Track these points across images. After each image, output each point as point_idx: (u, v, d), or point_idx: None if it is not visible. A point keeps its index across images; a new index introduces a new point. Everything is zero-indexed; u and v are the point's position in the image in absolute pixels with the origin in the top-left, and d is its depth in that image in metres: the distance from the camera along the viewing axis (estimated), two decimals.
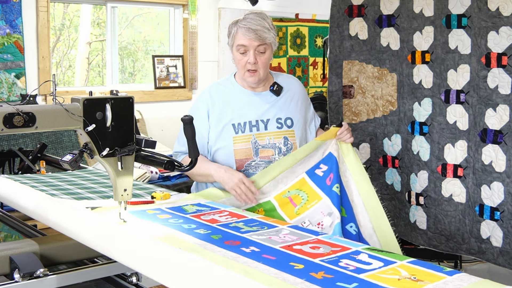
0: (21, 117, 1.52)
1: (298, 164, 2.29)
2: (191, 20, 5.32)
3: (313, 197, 2.24)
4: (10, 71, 4.31)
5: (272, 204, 2.23)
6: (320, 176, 2.28)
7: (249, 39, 2.25)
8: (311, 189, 2.26)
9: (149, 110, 5.10)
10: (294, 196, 2.25)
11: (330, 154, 2.32)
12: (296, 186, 2.27)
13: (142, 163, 1.84)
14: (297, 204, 2.23)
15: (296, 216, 2.19)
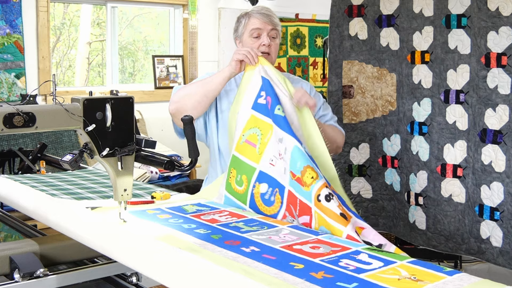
0: (21, 117, 1.52)
1: (243, 105, 2.16)
2: (191, 20, 5.33)
3: (266, 129, 2.04)
4: (10, 71, 4.31)
5: (236, 156, 2.09)
6: (263, 104, 2.10)
7: (264, 22, 2.35)
8: (261, 121, 2.08)
9: (149, 110, 5.10)
10: (250, 136, 2.09)
11: (263, 78, 2.16)
12: (248, 126, 2.11)
13: (142, 163, 1.84)
14: (255, 143, 2.05)
15: (260, 156, 2.02)
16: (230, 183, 2.08)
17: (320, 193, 1.80)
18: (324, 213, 1.76)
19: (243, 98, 2.18)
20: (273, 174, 1.96)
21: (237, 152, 2.10)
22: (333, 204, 1.77)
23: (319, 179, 1.82)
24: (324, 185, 1.81)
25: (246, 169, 2.04)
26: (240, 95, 2.21)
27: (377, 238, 1.71)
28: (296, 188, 1.86)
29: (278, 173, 1.95)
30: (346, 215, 1.74)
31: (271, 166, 1.97)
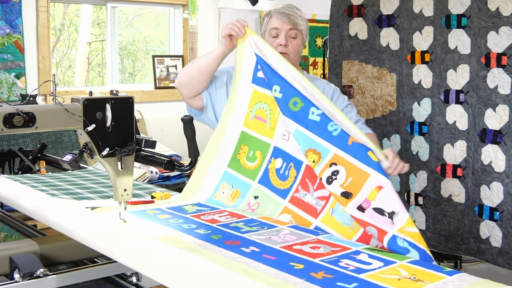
0: (21, 117, 1.52)
1: (242, 80, 2.13)
2: (191, 20, 5.33)
3: (273, 103, 2.02)
4: (10, 71, 4.31)
5: (246, 133, 2.08)
6: (262, 78, 2.07)
7: (282, 22, 2.29)
8: (266, 96, 2.05)
9: (149, 110, 5.10)
10: (258, 112, 2.07)
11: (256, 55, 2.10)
12: (253, 101, 2.09)
13: (142, 163, 1.84)
14: (265, 118, 2.04)
15: (273, 132, 2.01)
16: (238, 159, 2.06)
17: (322, 176, 1.81)
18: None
19: (241, 72, 2.14)
20: (287, 149, 1.96)
21: (247, 128, 2.08)
22: (335, 184, 1.77)
23: (321, 162, 1.82)
24: (326, 166, 1.81)
25: (260, 145, 2.03)
26: (238, 70, 2.16)
27: (391, 204, 1.68)
28: None
29: (292, 148, 1.95)
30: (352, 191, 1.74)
31: (284, 141, 1.97)
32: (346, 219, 1.77)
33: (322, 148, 1.84)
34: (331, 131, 1.86)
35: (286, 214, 1.88)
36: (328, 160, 1.82)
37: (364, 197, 1.72)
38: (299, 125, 1.91)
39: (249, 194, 1.99)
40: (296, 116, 1.93)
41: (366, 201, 1.72)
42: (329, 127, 1.87)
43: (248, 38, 2.13)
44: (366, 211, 1.71)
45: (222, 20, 5.45)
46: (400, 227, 1.64)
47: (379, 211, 1.69)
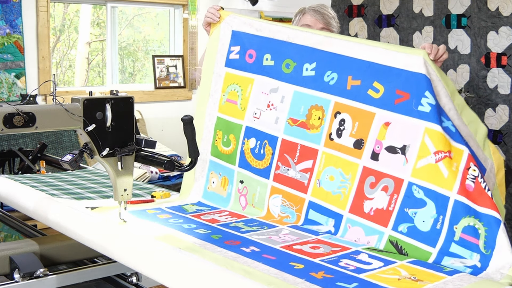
0: (21, 117, 1.52)
1: (216, 65, 2.10)
2: (191, 20, 5.33)
3: (244, 83, 2.00)
4: (10, 71, 4.31)
5: (220, 118, 2.06)
6: (237, 59, 2.04)
7: (315, 19, 2.33)
8: (238, 77, 2.02)
9: (149, 110, 5.10)
10: (230, 94, 2.04)
11: (234, 32, 2.09)
12: (225, 84, 2.06)
13: (142, 163, 1.84)
14: (235, 100, 2.01)
15: (244, 112, 1.98)
16: (216, 146, 2.05)
17: (331, 131, 1.78)
18: (336, 150, 1.75)
19: (216, 58, 2.12)
20: (259, 127, 1.94)
21: (221, 113, 2.06)
22: (345, 135, 1.73)
23: (325, 116, 1.79)
24: (332, 118, 1.77)
25: (232, 128, 2.01)
26: (210, 56, 2.14)
27: (402, 137, 1.63)
28: (297, 134, 1.84)
29: (265, 125, 1.92)
30: (362, 136, 1.69)
31: (255, 119, 1.95)
32: (335, 187, 1.73)
33: (323, 100, 1.81)
34: (328, 81, 1.82)
35: (276, 195, 1.86)
36: (332, 111, 1.78)
37: (374, 139, 1.67)
38: (296, 85, 1.88)
39: (235, 179, 1.99)
40: (291, 77, 1.90)
41: (377, 143, 1.67)
42: (325, 77, 1.82)
43: (223, 22, 2.13)
44: (380, 156, 1.66)
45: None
46: (414, 162, 1.59)
47: (391, 149, 1.64)
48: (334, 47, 1.83)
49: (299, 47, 1.91)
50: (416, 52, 1.67)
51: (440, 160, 1.56)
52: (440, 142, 1.57)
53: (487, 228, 1.46)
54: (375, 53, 1.73)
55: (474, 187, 1.51)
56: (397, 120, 1.64)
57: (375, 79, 1.71)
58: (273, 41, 1.97)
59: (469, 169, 1.53)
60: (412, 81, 1.64)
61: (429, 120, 1.59)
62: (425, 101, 1.61)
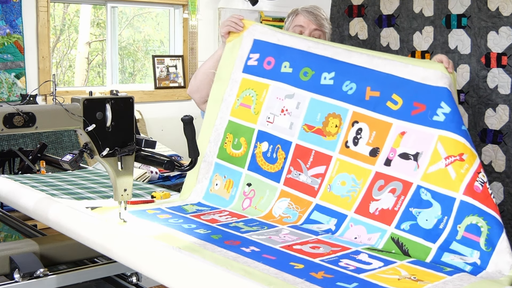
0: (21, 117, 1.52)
1: (233, 72, 2.13)
2: (191, 20, 5.33)
3: (260, 88, 2.04)
4: (10, 71, 4.31)
5: (232, 121, 2.08)
6: (255, 66, 2.08)
7: (308, 20, 2.32)
8: (254, 82, 2.06)
9: (149, 110, 5.10)
10: (244, 99, 2.07)
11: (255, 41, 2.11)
12: (241, 89, 2.09)
13: (142, 163, 1.84)
14: (249, 104, 2.05)
15: (257, 116, 2.01)
16: (225, 149, 2.06)
17: (347, 139, 1.81)
18: (352, 157, 1.78)
19: (234, 64, 2.13)
20: (272, 131, 1.96)
21: (233, 116, 2.08)
22: (362, 144, 1.77)
23: (343, 124, 1.83)
24: (350, 127, 1.81)
25: (244, 132, 2.03)
26: (228, 62, 2.15)
27: (416, 145, 1.69)
28: (312, 140, 1.87)
29: (278, 129, 1.95)
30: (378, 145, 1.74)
31: (269, 123, 1.98)
32: (345, 191, 1.76)
33: (341, 109, 1.84)
34: (346, 91, 1.86)
35: (284, 198, 1.87)
36: (349, 119, 1.82)
37: (389, 147, 1.72)
38: (313, 93, 1.92)
39: (241, 182, 1.99)
40: (309, 85, 1.94)
41: (392, 150, 1.72)
42: (344, 87, 1.87)
43: (246, 30, 2.14)
44: (392, 162, 1.70)
45: (222, 20, 5.45)
46: (425, 167, 1.64)
47: (404, 156, 1.69)
48: (353, 59, 1.89)
49: (318, 56, 1.96)
50: (434, 66, 1.77)
51: (449, 164, 1.61)
52: (451, 147, 1.63)
53: (490, 227, 1.49)
54: (393, 66, 1.80)
55: (481, 190, 1.55)
56: (413, 129, 1.71)
57: (394, 91, 1.78)
58: (293, 50, 2.03)
59: (480, 173, 1.58)
60: (430, 93, 1.73)
61: (442, 128, 1.67)
62: (440, 111, 1.69)
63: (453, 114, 1.67)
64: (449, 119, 1.67)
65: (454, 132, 1.64)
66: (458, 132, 1.64)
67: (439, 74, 1.74)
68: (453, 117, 1.67)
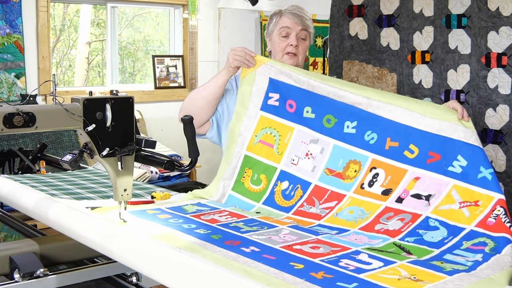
0: (21, 117, 1.52)
1: (249, 107, 2.15)
2: (191, 20, 5.33)
3: (284, 130, 2.08)
4: (10, 71, 4.31)
5: (249, 156, 2.11)
6: (277, 106, 2.12)
7: (294, 22, 2.31)
8: (276, 122, 2.11)
9: (149, 110, 5.10)
10: (264, 136, 2.11)
11: (271, 80, 2.14)
12: (259, 126, 2.12)
13: (142, 163, 1.84)
14: (271, 143, 2.09)
15: (280, 156, 2.07)
16: (242, 183, 2.10)
17: (364, 181, 1.89)
18: (364, 195, 1.86)
19: (249, 99, 2.16)
20: (295, 172, 2.03)
21: (251, 152, 2.12)
22: (376, 185, 1.86)
23: (362, 169, 1.91)
24: (367, 172, 1.90)
25: (265, 169, 2.08)
26: (244, 97, 2.18)
27: (429, 189, 1.78)
28: (331, 182, 1.95)
29: (301, 171, 2.02)
30: (392, 186, 1.82)
31: (293, 165, 2.04)
32: (351, 217, 1.82)
33: (361, 156, 1.94)
34: (368, 140, 1.95)
35: (288, 219, 1.90)
36: (368, 166, 1.91)
37: (402, 188, 1.81)
38: (337, 140, 2.00)
39: (252, 211, 2.01)
40: (332, 132, 2.01)
41: (404, 191, 1.80)
42: (366, 136, 1.96)
43: (260, 67, 2.17)
44: (404, 200, 1.79)
45: (222, 20, 5.45)
46: (436, 205, 1.72)
47: (417, 196, 1.77)
48: (372, 108, 1.97)
49: (339, 104, 2.03)
50: (449, 118, 1.85)
51: (464, 207, 1.69)
52: (467, 195, 1.71)
53: (497, 244, 1.56)
54: (411, 118, 1.90)
55: (494, 222, 1.62)
56: (427, 175, 1.81)
57: (411, 141, 1.88)
58: (313, 94, 2.08)
59: (494, 210, 1.65)
60: (446, 144, 1.82)
61: (459, 179, 1.75)
62: (457, 164, 1.78)
63: (470, 167, 1.75)
64: (465, 171, 1.75)
65: (471, 184, 1.73)
66: (474, 183, 1.72)
67: (453, 126, 1.83)
68: (470, 169, 1.75)
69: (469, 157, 1.77)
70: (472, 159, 1.76)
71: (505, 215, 1.62)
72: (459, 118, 1.84)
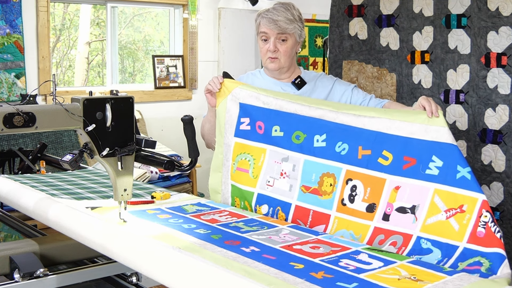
0: (21, 117, 1.52)
1: (225, 135, 2.17)
2: (191, 20, 5.33)
3: (257, 153, 2.08)
4: (10, 71, 4.31)
5: (234, 186, 2.12)
6: (248, 130, 2.12)
7: (270, 29, 2.27)
8: (249, 146, 2.10)
9: (149, 110, 5.10)
10: (240, 163, 2.11)
11: (241, 105, 2.13)
12: (235, 153, 2.13)
13: (142, 163, 1.84)
14: (247, 168, 2.09)
15: (256, 180, 2.05)
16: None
17: (343, 196, 1.84)
18: (349, 214, 1.80)
19: (224, 127, 2.17)
20: (272, 194, 2.00)
21: (233, 181, 2.13)
22: (358, 201, 1.80)
23: (337, 183, 1.86)
24: (344, 185, 1.84)
25: (246, 195, 2.07)
26: (220, 126, 2.19)
27: (411, 199, 1.72)
28: (310, 200, 1.90)
29: (278, 192, 1.98)
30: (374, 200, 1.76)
31: (268, 186, 2.02)
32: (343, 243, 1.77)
33: (334, 169, 1.89)
34: (339, 152, 1.91)
35: None
36: (343, 178, 1.86)
37: (386, 202, 1.75)
38: (307, 155, 1.96)
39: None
40: (302, 147, 1.98)
41: (388, 205, 1.75)
42: (337, 148, 1.92)
43: (230, 94, 2.16)
44: (391, 217, 1.73)
45: (222, 20, 5.45)
46: (423, 220, 1.67)
47: (402, 210, 1.72)
48: (340, 119, 1.93)
49: (307, 119, 2.01)
50: (418, 119, 1.79)
51: (451, 216, 1.64)
52: (450, 200, 1.66)
53: (492, 263, 1.53)
54: (380, 123, 1.85)
55: (485, 233, 1.59)
56: (407, 183, 1.75)
57: (384, 148, 1.82)
58: (280, 113, 2.06)
59: (481, 216, 1.60)
60: (419, 147, 1.76)
61: (438, 182, 1.69)
62: (433, 165, 1.72)
63: (446, 167, 1.70)
64: (443, 172, 1.70)
65: (450, 185, 1.67)
66: (454, 184, 1.67)
67: (424, 127, 1.77)
68: (447, 169, 1.70)
69: (444, 156, 1.72)
70: (447, 158, 1.71)
71: (492, 222, 1.59)
72: (429, 116, 1.78)
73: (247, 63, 5.49)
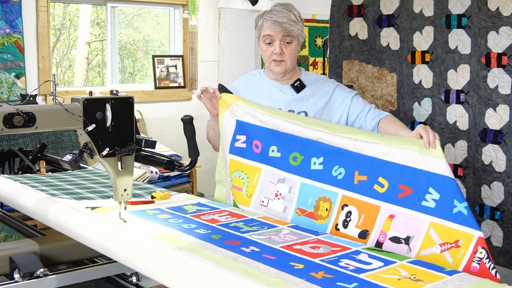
0: (21, 117, 1.52)
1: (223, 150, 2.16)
2: (191, 20, 5.33)
3: (251, 172, 2.06)
4: (10, 71, 4.31)
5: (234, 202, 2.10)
6: (243, 148, 2.10)
7: (275, 32, 2.22)
8: (244, 164, 2.08)
9: (149, 110, 5.10)
10: (234, 180, 2.09)
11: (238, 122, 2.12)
12: (230, 170, 2.12)
13: (142, 163, 1.84)
14: (240, 187, 2.07)
15: (249, 199, 2.03)
16: None
17: (338, 222, 1.83)
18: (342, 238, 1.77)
19: (222, 142, 2.17)
20: (265, 214, 1.97)
21: (233, 196, 2.11)
22: (351, 226, 1.79)
23: (333, 208, 1.85)
24: (340, 210, 1.83)
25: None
26: (221, 139, 2.19)
27: (405, 229, 1.70)
28: (305, 224, 1.88)
29: (272, 213, 1.97)
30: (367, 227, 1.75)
31: (262, 207, 2.00)
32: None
33: (331, 193, 1.88)
34: (336, 176, 1.90)
35: None
36: (339, 203, 1.85)
37: (379, 230, 1.74)
38: (304, 177, 1.95)
39: None
40: (299, 170, 1.97)
41: (382, 234, 1.73)
42: (333, 172, 1.91)
43: (228, 110, 2.15)
44: (384, 245, 1.72)
45: (222, 20, 5.45)
46: (417, 251, 1.66)
47: (395, 240, 1.70)
48: (336, 142, 1.91)
49: (304, 140, 1.99)
50: (413, 148, 1.77)
51: (446, 250, 1.62)
52: (445, 235, 1.64)
53: None
54: (377, 149, 1.83)
55: (479, 268, 1.57)
56: (401, 213, 1.73)
57: (380, 174, 1.81)
58: (277, 133, 2.05)
59: (476, 252, 1.59)
60: (415, 176, 1.74)
61: (434, 215, 1.67)
62: (430, 197, 1.70)
63: (443, 200, 1.68)
64: (439, 205, 1.67)
65: (446, 219, 1.65)
66: (451, 218, 1.65)
67: (420, 156, 1.75)
68: (444, 203, 1.67)
69: (441, 189, 1.69)
70: (444, 192, 1.68)
71: (488, 258, 1.57)
72: (426, 146, 1.75)
73: (247, 63, 5.49)
